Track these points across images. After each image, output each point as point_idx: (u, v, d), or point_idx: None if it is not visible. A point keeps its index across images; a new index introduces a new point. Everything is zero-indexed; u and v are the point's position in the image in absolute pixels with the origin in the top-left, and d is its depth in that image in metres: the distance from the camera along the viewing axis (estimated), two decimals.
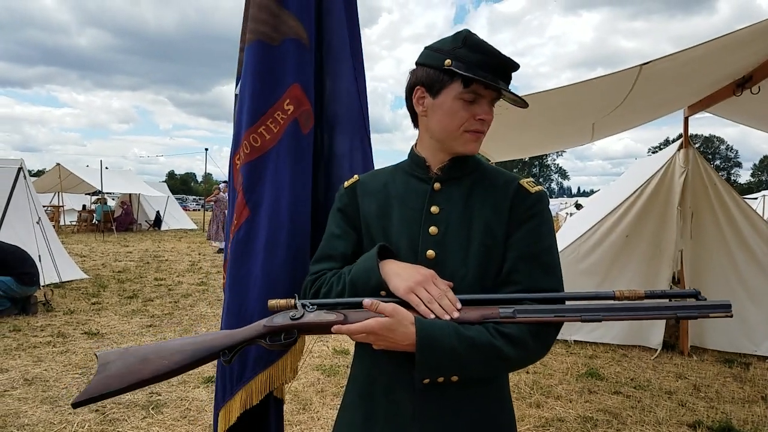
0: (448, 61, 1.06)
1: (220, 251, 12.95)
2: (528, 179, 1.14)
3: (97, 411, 3.39)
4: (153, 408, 3.45)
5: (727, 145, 68.52)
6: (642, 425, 3.36)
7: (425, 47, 1.14)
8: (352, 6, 1.71)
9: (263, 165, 1.54)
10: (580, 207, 18.62)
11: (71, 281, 7.92)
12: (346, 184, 1.26)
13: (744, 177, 68.72)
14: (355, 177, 1.27)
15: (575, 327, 5.02)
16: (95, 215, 19.16)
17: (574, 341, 5.09)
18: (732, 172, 66.37)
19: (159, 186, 22.60)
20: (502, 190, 1.12)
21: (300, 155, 1.55)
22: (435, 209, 1.12)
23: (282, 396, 1.65)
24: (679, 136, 5.19)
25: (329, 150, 1.67)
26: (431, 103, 1.11)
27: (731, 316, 0.98)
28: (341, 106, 1.66)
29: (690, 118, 5.05)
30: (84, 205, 21.18)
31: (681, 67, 3.60)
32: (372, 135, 1.75)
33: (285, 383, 1.56)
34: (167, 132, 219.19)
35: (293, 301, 1.09)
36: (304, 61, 1.58)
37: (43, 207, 9.36)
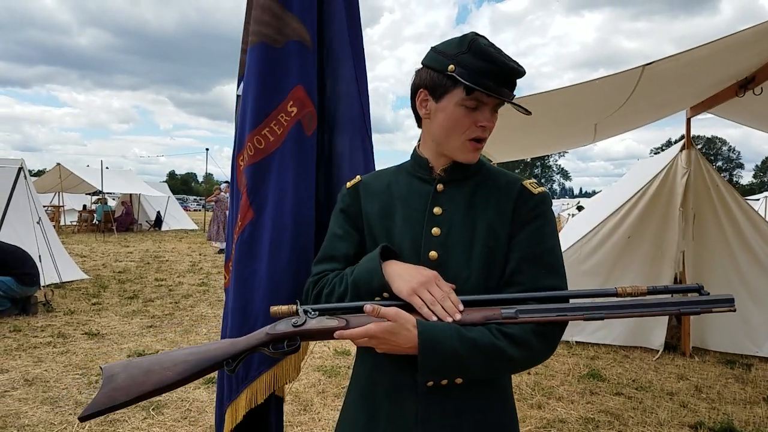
0: (451, 67, 1.04)
1: (220, 252, 12.94)
2: (531, 180, 1.14)
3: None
4: (153, 409, 3.45)
5: (730, 147, 68.38)
6: (643, 426, 3.35)
7: (431, 48, 1.12)
8: (353, 7, 1.71)
9: (267, 167, 1.55)
10: (581, 209, 18.60)
11: (71, 281, 7.92)
12: (348, 184, 1.25)
13: (746, 178, 68.72)
14: (358, 177, 1.26)
15: (577, 328, 5.02)
16: (96, 215, 19.17)
17: (575, 342, 5.08)
18: (734, 173, 66.21)
19: (159, 186, 22.61)
20: (505, 191, 1.12)
21: (303, 157, 1.56)
22: (438, 210, 1.12)
23: (282, 395, 1.66)
24: (682, 137, 5.18)
25: (329, 151, 1.68)
26: (434, 107, 1.10)
27: (734, 310, 0.97)
28: (342, 107, 1.66)
29: (692, 119, 5.05)
30: (84, 205, 21.20)
31: (683, 68, 3.59)
32: (373, 135, 1.75)
33: (288, 382, 1.58)
34: (168, 132, 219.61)
35: (295, 307, 1.08)
36: (307, 63, 1.58)
37: (44, 207, 9.36)
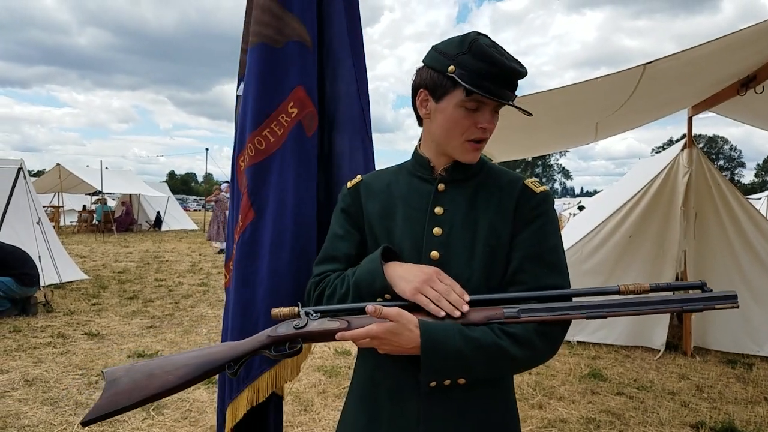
0: (451, 68, 1.03)
1: (220, 252, 12.92)
2: (533, 179, 1.13)
3: None
4: (154, 409, 3.43)
5: (731, 145, 68.04)
6: (645, 426, 3.35)
7: (432, 46, 1.11)
8: (353, 6, 1.71)
9: (268, 168, 1.56)
10: (583, 209, 18.60)
11: (71, 282, 7.90)
12: (349, 184, 1.25)
13: (748, 177, 68.37)
14: (359, 177, 1.26)
15: (578, 327, 5.01)
16: (95, 216, 19.17)
17: (576, 342, 5.07)
18: (736, 172, 65.95)
19: (159, 186, 22.57)
20: (506, 190, 1.11)
21: (304, 157, 1.57)
22: (439, 210, 1.11)
23: (282, 393, 1.67)
24: (683, 136, 5.18)
25: (329, 150, 1.68)
26: (434, 107, 1.09)
27: (737, 306, 0.96)
28: (341, 106, 1.66)
29: (694, 117, 5.04)
30: (84, 206, 21.19)
31: (685, 67, 3.58)
32: (373, 135, 1.76)
33: (288, 381, 1.59)
34: (167, 132, 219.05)
35: (296, 309, 1.08)
36: (307, 64, 1.58)
37: (43, 207, 9.35)
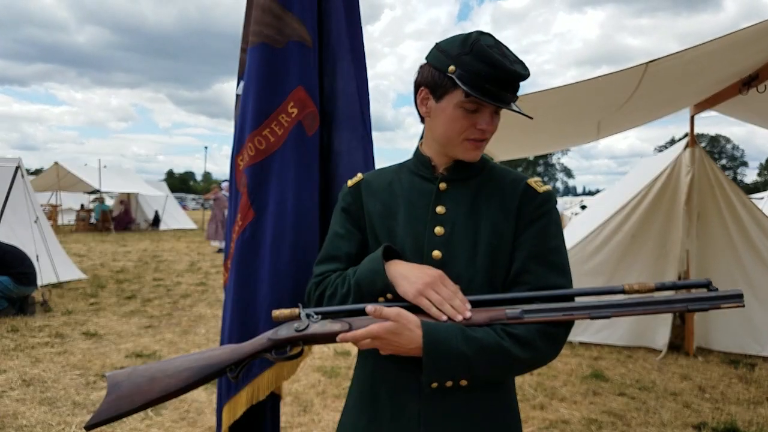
0: (451, 68, 1.01)
1: (219, 251, 12.90)
2: (536, 179, 1.12)
3: None
4: (152, 410, 3.41)
5: (734, 145, 67.73)
6: (646, 427, 3.33)
7: (435, 44, 1.10)
8: (352, 5, 1.72)
9: (268, 167, 1.56)
10: (585, 208, 18.61)
11: (69, 281, 7.88)
12: (350, 183, 1.23)
13: (750, 176, 67.94)
14: (359, 176, 1.24)
15: (580, 328, 4.99)
16: (93, 214, 19.14)
17: (578, 342, 5.06)
18: (738, 171, 65.79)
19: (158, 185, 22.53)
20: (509, 189, 1.10)
21: (305, 157, 1.57)
22: (441, 209, 1.10)
23: (280, 392, 1.68)
24: (685, 135, 5.16)
25: (328, 149, 1.68)
26: (434, 106, 1.08)
27: (743, 305, 0.95)
28: (340, 105, 1.67)
29: (696, 117, 5.03)
30: (82, 204, 21.19)
31: (687, 65, 3.57)
32: (374, 133, 1.77)
33: (286, 379, 1.60)
34: (166, 130, 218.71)
35: (297, 311, 1.07)
36: (308, 64, 1.59)
37: (41, 206, 9.33)
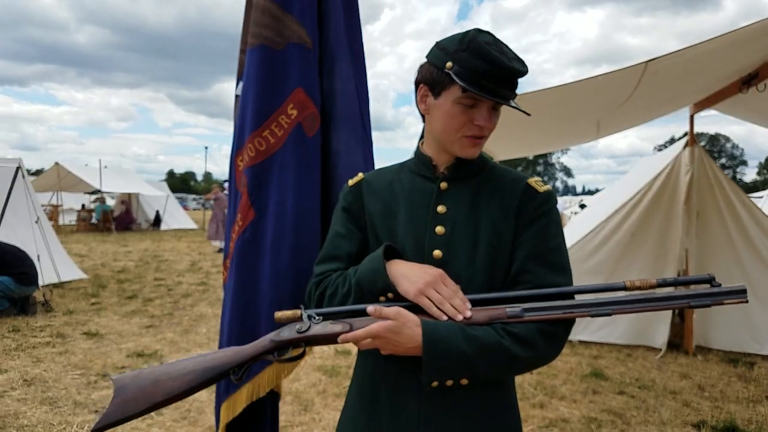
0: (449, 64, 1.02)
1: (220, 251, 12.90)
2: (536, 178, 1.13)
3: (97, 412, 3.36)
4: None
5: (733, 144, 67.64)
6: (646, 425, 3.33)
7: (435, 43, 1.11)
8: (352, 4, 1.72)
9: (268, 168, 1.57)
10: (584, 207, 18.61)
11: (70, 281, 7.89)
12: (350, 182, 1.24)
13: (750, 175, 67.93)
14: (360, 175, 1.25)
15: (580, 326, 5.00)
16: (94, 215, 19.16)
17: (578, 341, 5.06)
18: (738, 170, 65.78)
19: (159, 185, 22.56)
20: (509, 189, 1.11)
21: (305, 158, 1.58)
22: (441, 209, 1.11)
23: (279, 390, 1.68)
24: (685, 134, 5.16)
25: (327, 149, 1.68)
26: (433, 103, 1.09)
27: (746, 301, 0.94)
28: (338, 104, 1.67)
29: (696, 115, 5.03)
30: (83, 205, 21.20)
31: (686, 64, 3.57)
32: (374, 133, 1.78)
33: (285, 377, 1.61)
34: (166, 130, 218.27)
35: (299, 312, 1.07)
36: (307, 65, 1.60)
37: (42, 206, 9.34)
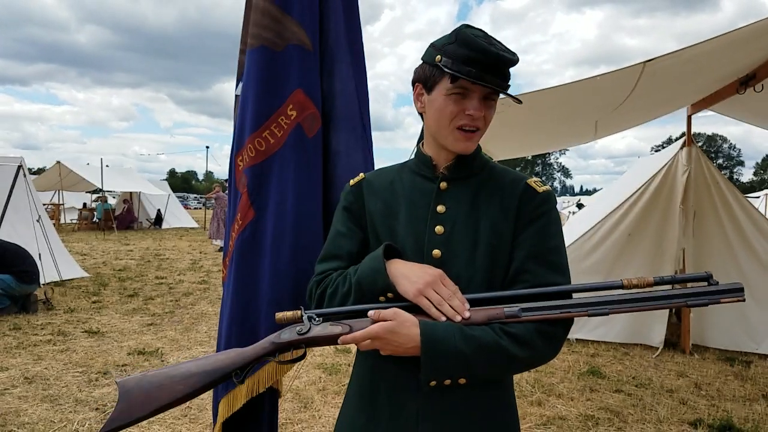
0: (438, 57, 1.05)
1: (221, 250, 12.93)
2: (535, 179, 1.13)
3: (98, 410, 3.38)
4: None
5: (730, 144, 68.00)
6: (643, 423, 3.35)
7: (430, 43, 1.13)
8: (352, 5, 1.73)
9: (268, 168, 1.58)
10: (582, 206, 18.62)
11: (72, 279, 7.92)
12: (351, 182, 1.24)
13: (746, 176, 68.45)
14: (361, 175, 1.26)
15: (577, 325, 5.01)
16: (96, 213, 19.17)
17: (575, 339, 5.08)
18: (735, 170, 65.95)
19: (160, 184, 22.57)
20: (509, 189, 1.11)
21: (304, 159, 1.59)
22: (441, 208, 1.11)
23: (279, 388, 1.68)
24: (682, 134, 5.18)
25: (326, 149, 1.69)
26: (427, 100, 1.11)
27: (743, 299, 0.95)
28: (338, 105, 1.68)
29: (693, 116, 5.05)
30: (84, 203, 21.21)
31: (684, 65, 3.58)
32: (374, 133, 1.79)
33: (284, 373, 1.63)
34: (168, 130, 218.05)
35: (299, 313, 1.09)
36: (307, 66, 1.60)
37: (43, 205, 9.36)
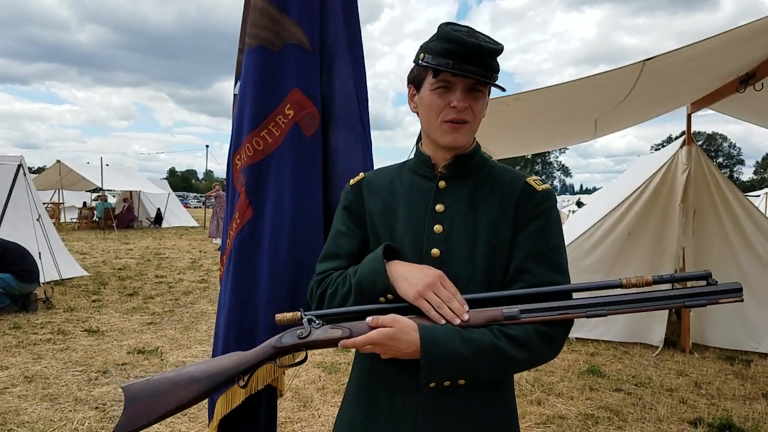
0: (421, 55, 1.08)
1: (221, 248, 12.94)
2: (535, 177, 1.13)
3: (97, 409, 3.38)
4: None
5: (730, 143, 67.96)
6: (643, 422, 3.36)
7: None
8: (351, 4, 1.73)
9: (266, 168, 1.59)
10: (581, 205, 18.62)
11: (71, 278, 7.92)
12: (351, 181, 1.25)
13: (746, 174, 68.37)
14: (361, 174, 1.26)
15: (577, 324, 5.00)
16: (96, 212, 19.18)
17: (575, 338, 5.09)
18: (735, 169, 65.95)
19: (160, 183, 22.58)
20: (508, 188, 1.11)
21: (302, 158, 1.59)
22: (440, 207, 1.11)
23: (279, 386, 1.68)
24: (682, 133, 5.18)
25: (325, 148, 1.69)
26: (417, 99, 1.13)
27: (742, 300, 0.94)
28: (337, 103, 1.68)
29: (693, 115, 5.04)
30: (84, 202, 21.22)
31: (684, 64, 3.58)
32: (373, 132, 1.79)
33: (283, 372, 1.62)
34: (168, 129, 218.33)
35: (299, 314, 1.09)
36: (305, 66, 1.61)
37: (43, 204, 9.36)
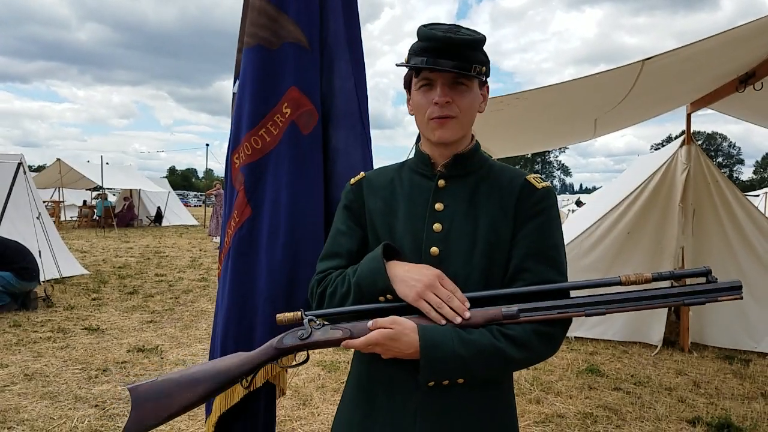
0: (406, 58, 1.10)
1: None
2: (535, 175, 1.13)
3: (97, 407, 3.39)
4: None
5: (730, 142, 67.99)
6: (642, 421, 3.36)
7: None
8: (351, 5, 1.74)
9: (264, 166, 1.60)
10: (581, 204, 18.62)
11: (72, 277, 7.93)
12: (352, 180, 1.25)
13: (746, 174, 68.48)
14: (361, 174, 1.26)
15: (576, 323, 5.02)
16: (96, 211, 19.17)
17: (574, 337, 5.09)
18: (734, 169, 65.96)
19: (160, 182, 22.59)
20: (508, 187, 1.11)
21: (300, 156, 1.60)
22: (439, 206, 1.11)
23: (281, 384, 1.68)
24: (682, 132, 5.18)
25: (325, 146, 1.69)
26: (411, 101, 1.14)
27: (741, 297, 0.94)
28: (337, 102, 1.69)
29: (693, 114, 5.04)
30: (84, 201, 21.21)
31: (683, 63, 3.58)
32: (373, 131, 1.79)
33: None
34: (168, 127, 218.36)
35: (300, 314, 1.09)
36: (303, 64, 1.61)
37: (44, 202, 9.36)
